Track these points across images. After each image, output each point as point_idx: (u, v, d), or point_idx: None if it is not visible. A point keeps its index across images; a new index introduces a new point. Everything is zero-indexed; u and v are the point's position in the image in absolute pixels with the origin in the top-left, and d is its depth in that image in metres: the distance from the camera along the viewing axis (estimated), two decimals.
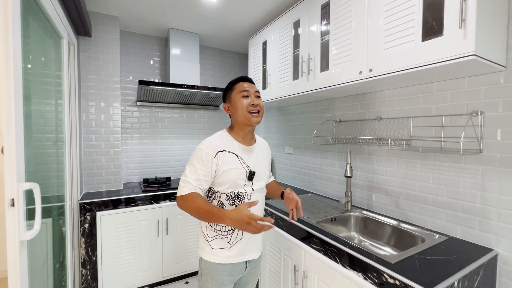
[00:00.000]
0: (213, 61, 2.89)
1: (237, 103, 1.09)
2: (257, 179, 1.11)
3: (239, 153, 1.09)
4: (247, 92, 1.09)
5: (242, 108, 1.08)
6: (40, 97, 1.26)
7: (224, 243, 1.06)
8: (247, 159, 1.10)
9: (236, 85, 1.13)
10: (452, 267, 0.92)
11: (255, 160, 1.12)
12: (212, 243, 1.07)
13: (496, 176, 1.08)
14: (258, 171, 1.12)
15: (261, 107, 1.11)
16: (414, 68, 1.05)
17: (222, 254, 1.06)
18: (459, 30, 0.91)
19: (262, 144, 1.23)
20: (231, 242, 1.07)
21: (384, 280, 0.91)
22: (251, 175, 1.08)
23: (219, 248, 1.06)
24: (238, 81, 1.14)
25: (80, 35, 1.95)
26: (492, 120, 1.09)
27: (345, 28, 1.38)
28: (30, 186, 0.85)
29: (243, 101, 1.08)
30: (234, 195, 1.06)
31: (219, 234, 1.06)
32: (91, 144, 2.06)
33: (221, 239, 1.06)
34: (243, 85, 1.11)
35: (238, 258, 1.07)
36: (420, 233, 1.24)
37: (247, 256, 1.10)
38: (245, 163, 1.08)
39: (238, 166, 1.06)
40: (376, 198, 1.56)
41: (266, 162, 1.20)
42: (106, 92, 2.09)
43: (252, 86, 1.13)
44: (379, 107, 1.54)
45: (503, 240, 1.06)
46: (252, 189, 1.09)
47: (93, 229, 1.84)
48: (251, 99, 1.09)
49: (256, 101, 1.09)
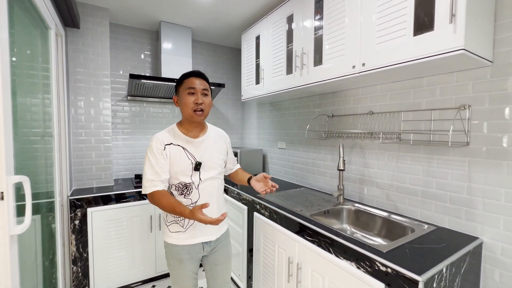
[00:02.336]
0: (205, 55, 2.86)
1: (183, 99, 1.15)
2: (206, 169, 1.19)
3: (185, 145, 1.17)
4: (194, 90, 1.14)
5: (186, 105, 1.14)
6: (26, 91, 1.21)
7: (179, 227, 1.18)
8: (193, 151, 1.18)
9: (185, 80, 1.16)
10: (441, 255, 0.96)
11: (203, 151, 1.20)
12: (170, 227, 1.20)
13: (482, 168, 1.12)
14: (206, 162, 1.19)
15: (206, 105, 1.16)
16: (406, 62, 1.07)
17: (177, 237, 1.18)
18: (449, 25, 0.94)
19: (215, 134, 1.29)
20: (185, 227, 1.18)
21: (377, 268, 0.94)
22: (197, 166, 1.16)
23: (175, 232, 1.18)
24: (188, 76, 1.17)
25: (68, 27, 1.89)
26: (479, 114, 1.13)
27: (338, 22, 1.39)
28: (20, 179, 0.82)
29: (188, 98, 1.14)
30: (182, 185, 1.16)
31: (176, 218, 1.19)
32: (81, 139, 2.01)
33: (177, 223, 1.18)
34: (191, 81, 1.15)
35: (192, 240, 1.19)
36: (410, 224, 1.27)
37: (201, 238, 1.20)
38: (191, 154, 1.17)
39: (183, 158, 1.15)
40: (368, 191, 1.60)
41: (218, 152, 1.27)
42: (95, 86, 2.04)
43: (202, 82, 1.17)
44: (371, 101, 1.56)
45: (487, 229, 1.10)
46: (199, 179, 1.18)
47: (84, 225, 1.81)
48: (197, 97, 1.14)
49: (201, 100, 1.14)
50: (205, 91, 1.17)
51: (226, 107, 3.00)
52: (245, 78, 2.34)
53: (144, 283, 2.06)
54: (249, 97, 2.28)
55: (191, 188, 1.16)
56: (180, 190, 1.16)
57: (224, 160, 1.32)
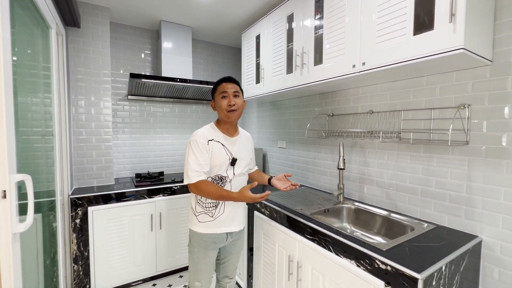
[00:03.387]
0: (206, 55, 2.86)
1: (218, 103, 1.30)
2: (238, 165, 1.32)
3: (224, 142, 1.30)
4: (226, 93, 1.28)
5: (221, 108, 1.28)
6: (27, 90, 1.22)
7: (208, 217, 1.28)
8: (230, 148, 1.31)
9: (218, 86, 1.31)
10: (440, 253, 0.96)
11: (238, 149, 1.33)
12: (199, 217, 1.29)
13: (481, 167, 1.13)
14: (240, 158, 1.32)
15: (238, 105, 1.29)
16: (405, 62, 1.08)
17: (206, 226, 1.28)
18: (449, 24, 0.94)
19: (245, 136, 1.44)
20: (214, 216, 1.29)
21: (376, 267, 0.94)
22: (233, 161, 1.30)
23: (205, 222, 1.29)
24: (220, 83, 1.31)
25: (68, 26, 1.89)
26: (478, 113, 1.13)
27: (338, 22, 1.39)
28: (23, 177, 0.83)
29: (222, 101, 1.28)
30: (218, 178, 1.28)
31: (205, 209, 1.29)
32: (81, 138, 2.01)
33: (206, 214, 1.29)
34: (223, 86, 1.29)
35: (220, 229, 1.30)
36: (410, 223, 1.28)
37: (227, 229, 1.32)
38: (229, 151, 1.30)
39: (223, 153, 1.28)
40: (368, 190, 1.61)
41: (248, 151, 1.42)
42: (96, 85, 2.04)
43: (233, 86, 1.30)
44: (371, 100, 1.57)
45: (486, 227, 1.11)
46: (233, 173, 1.31)
47: (85, 224, 1.82)
48: (229, 99, 1.27)
49: (233, 101, 1.27)
50: (236, 93, 1.30)
51: None
52: (245, 77, 2.35)
53: (144, 281, 2.07)
54: (249, 96, 2.28)
55: (225, 181, 1.29)
56: (216, 182, 1.28)
57: (251, 159, 1.46)
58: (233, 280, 1.48)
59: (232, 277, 1.47)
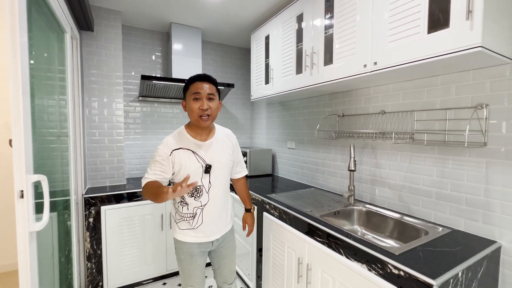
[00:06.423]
0: (215, 56, 2.88)
1: (189, 105, 1.15)
2: (215, 172, 1.21)
3: (194, 149, 1.18)
4: (199, 95, 1.13)
5: (192, 111, 1.14)
6: (44, 92, 1.26)
7: (188, 225, 1.22)
8: (203, 154, 1.19)
9: (191, 85, 1.15)
10: (456, 258, 0.93)
11: (213, 153, 1.21)
12: (179, 224, 1.23)
13: (500, 169, 1.08)
14: (216, 164, 1.21)
15: (212, 110, 1.15)
16: (419, 61, 1.05)
17: (188, 234, 1.22)
18: (466, 21, 0.91)
19: (223, 135, 1.30)
20: (194, 226, 1.21)
21: (389, 271, 0.92)
22: (207, 169, 1.18)
23: (186, 229, 1.22)
24: (194, 81, 1.15)
25: (82, 30, 1.94)
26: (497, 113, 1.08)
27: (349, 21, 1.37)
28: (39, 178, 0.85)
29: (194, 104, 1.13)
30: (193, 188, 1.16)
31: (183, 218, 1.22)
32: (95, 139, 2.06)
33: (185, 221, 1.21)
34: (196, 86, 1.13)
35: (202, 239, 1.23)
36: (424, 226, 1.24)
37: (210, 238, 1.25)
38: (201, 157, 1.18)
39: (193, 162, 1.16)
40: (379, 192, 1.57)
41: (226, 153, 1.27)
42: (108, 87, 2.09)
43: (208, 86, 1.14)
44: (383, 100, 1.53)
45: (506, 232, 1.06)
46: (209, 182, 1.20)
47: (98, 223, 1.86)
48: (202, 102, 1.12)
49: (207, 105, 1.12)
50: (211, 95, 1.15)
51: (235, 107, 3.01)
52: (255, 78, 2.35)
53: (155, 280, 2.10)
54: (258, 97, 2.28)
55: (201, 191, 1.19)
56: (190, 193, 1.18)
57: (232, 161, 1.32)
58: (233, 284, 1.42)
59: (231, 282, 1.40)
